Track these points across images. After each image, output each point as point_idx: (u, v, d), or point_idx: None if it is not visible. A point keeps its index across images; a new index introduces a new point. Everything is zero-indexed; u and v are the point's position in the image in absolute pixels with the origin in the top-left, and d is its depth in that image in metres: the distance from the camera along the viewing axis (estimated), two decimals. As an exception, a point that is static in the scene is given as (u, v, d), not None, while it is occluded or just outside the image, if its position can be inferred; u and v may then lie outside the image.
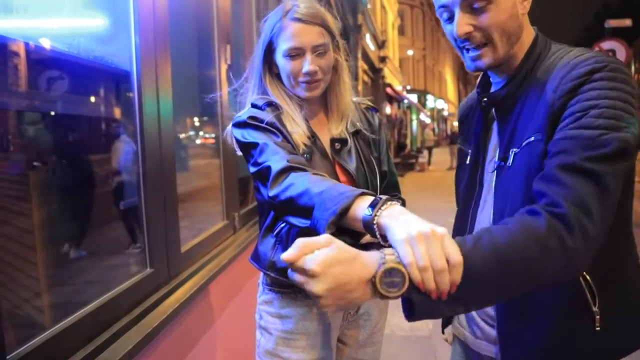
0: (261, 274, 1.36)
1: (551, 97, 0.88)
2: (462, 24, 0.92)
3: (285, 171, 1.06)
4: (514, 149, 0.95)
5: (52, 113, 1.41)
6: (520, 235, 0.75)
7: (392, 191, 1.44)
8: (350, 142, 1.32)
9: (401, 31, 28.48)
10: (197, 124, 3.11)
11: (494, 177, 1.02)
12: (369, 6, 13.51)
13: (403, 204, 1.44)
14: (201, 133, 3.10)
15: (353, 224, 0.86)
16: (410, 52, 29.26)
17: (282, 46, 1.23)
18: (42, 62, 1.29)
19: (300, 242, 0.71)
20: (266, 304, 1.34)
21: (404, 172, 14.87)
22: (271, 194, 1.08)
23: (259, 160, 1.15)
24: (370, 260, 0.71)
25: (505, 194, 0.96)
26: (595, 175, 0.78)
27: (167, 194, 1.61)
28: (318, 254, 0.69)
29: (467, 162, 1.14)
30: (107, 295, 1.29)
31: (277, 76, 1.31)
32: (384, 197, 0.84)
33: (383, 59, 17.51)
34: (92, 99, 1.57)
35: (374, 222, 0.80)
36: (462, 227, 1.13)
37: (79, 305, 1.22)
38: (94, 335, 1.20)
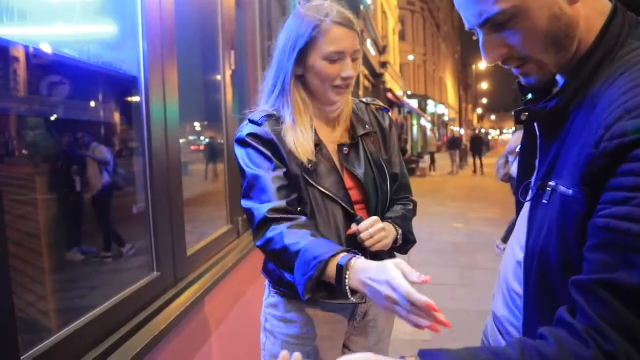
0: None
1: (591, 152, 0.66)
2: (488, 49, 0.77)
3: (265, 224, 1.15)
4: (553, 183, 0.75)
5: (60, 118, 1.42)
6: None
7: (403, 193, 1.42)
8: (359, 145, 1.31)
9: (402, 37, 28.58)
10: (198, 128, 3.13)
11: (529, 207, 0.84)
12: (371, 8, 13.51)
13: (414, 206, 1.45)
14: (202, 138, 3.12)
15: (328, 279, 1.03)
16: (411, 58, 29.35)
17: (325, 49, 1.19)
18: (49, 67, 1.30)
19: None
20: (272, 307, 1.34)
21: (405, 177, 14.83)
22: (257, 244, 1.20)
23: (248, 194, 1.21)
24: None
25: (538, 234, 0.77)
26: None
27: (174, 198, 1.63)
28: None
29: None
30: (115, 299, 1.30)
31: (299, 78, 1.27)
32: (349, 255, 1.02)
33: (384, 65, 17.57)
34: (101, 104, 1.59)
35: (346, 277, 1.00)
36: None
37: (86, 309, 1.23)
38: (102, 339, 1.21)
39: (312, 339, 1.30)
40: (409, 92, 27.44)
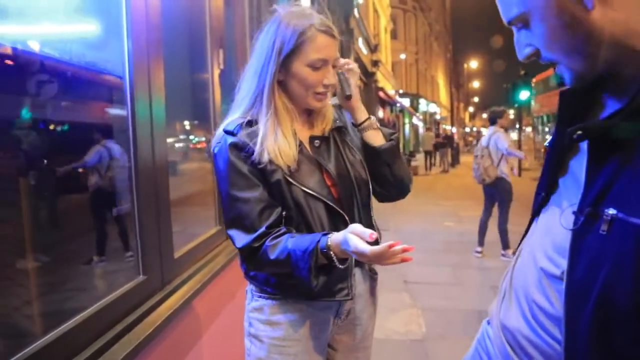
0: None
1: None
2: (517, 47, 0.77)
3: (252, 254, 1.19)
4: (613, 211, 0.66)
5: (44, 119, 1.39)
6: None
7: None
8: (330, 139, 1.32)
9: (394, 35, 28.62)
10: (187, 127, 3.08)
11: (570, 234, 0.74)
12: (361, 1, 13.45)
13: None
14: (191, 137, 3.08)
15: (322, 262, 1.13)
16: (402, 56, 29.39)
17: (310, 56, 1.20)
18: (32, 67, 1.28)
19: None
20: (256, 311, 1.32)
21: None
22: (251, 273, 1.30)
23: (231, 219, 1.22)
24: None
25: (593, 269, 0.68)
26: None
27: (160, 199, 1.60)
28: None
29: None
30: (99, 304, 1.28)
31: (279, 83, 1.26)
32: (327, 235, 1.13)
33: (376, 63, 17.58)
34: (83, 103, 1.56)
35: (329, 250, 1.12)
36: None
37: (70, 313, 1.20)
38: (85, 345, 1.18)
39: (298, 340, 1.29)
40: (401, 91, 27.49)
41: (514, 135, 26.19)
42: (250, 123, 1.24)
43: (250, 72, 1.26)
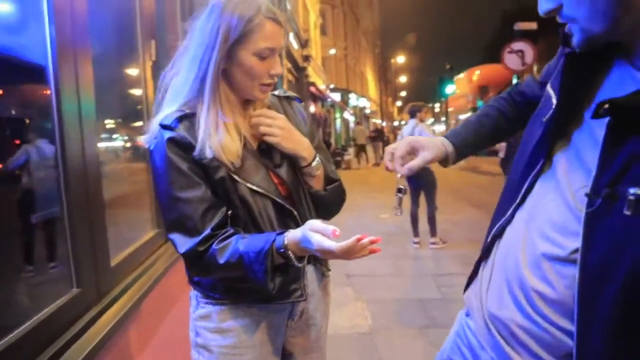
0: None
1: None
2: (540, 1, 0.76)
3: (197, 258, 1.11)
4: (637, 190, 0.63)
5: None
6: None
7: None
8: None
9: (323, 31, 28.77)
10: (111, 125, 2.83)
11: (578, 217, 0.71)
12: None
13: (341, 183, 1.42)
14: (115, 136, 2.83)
15: (278, 262, 1.09)
16: (332, 52, 29.64)
17: (258, 44, 1.12)
18: None
19: None
20: (203, 319, 1.23)
21: (332, 170, 14.91)
22: (195, 279, 1.23)
23: (171, 221, 1.13)
24: None
25: (617, 253, 0.65)
26: None
27: (93, 202, 1.45)
28: None
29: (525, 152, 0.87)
30: (25, 327, 1.12)
31: (222, 73, 1.16)
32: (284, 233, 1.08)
33: (306, 58, 17.58)
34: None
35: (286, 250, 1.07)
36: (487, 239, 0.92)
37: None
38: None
39: (252, 346, 1.22)
40: (332, 86, 27.72)
41: (441, 127, 27.40)
42: (189, 116, 1.14)
43: (187, 61, 1.16)
